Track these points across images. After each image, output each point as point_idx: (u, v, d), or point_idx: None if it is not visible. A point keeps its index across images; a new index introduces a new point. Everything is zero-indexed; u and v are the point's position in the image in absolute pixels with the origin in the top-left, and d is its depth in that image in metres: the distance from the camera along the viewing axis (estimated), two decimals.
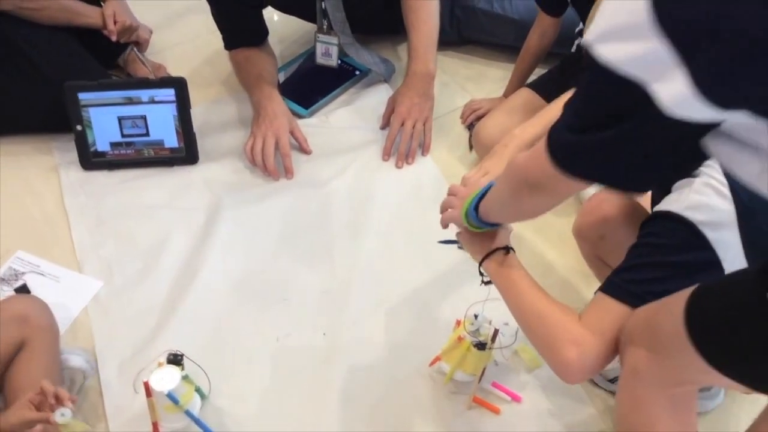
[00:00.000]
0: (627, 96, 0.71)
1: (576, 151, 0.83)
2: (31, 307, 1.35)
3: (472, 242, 1.27)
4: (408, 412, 1.42)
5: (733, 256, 1.05)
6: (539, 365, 1.48)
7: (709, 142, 0.78)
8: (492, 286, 1.25)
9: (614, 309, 1.08)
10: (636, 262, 1.11)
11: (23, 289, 1.59)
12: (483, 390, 1.43)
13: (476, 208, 1.17)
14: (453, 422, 1.40)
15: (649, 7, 0.66)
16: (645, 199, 1.29)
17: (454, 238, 1.35)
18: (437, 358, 1.45)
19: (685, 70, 0.65)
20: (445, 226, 1.33)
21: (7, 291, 1.59)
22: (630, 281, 1.09)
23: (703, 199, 1.09)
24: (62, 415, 1.16)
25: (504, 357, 1.47)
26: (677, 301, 0.92)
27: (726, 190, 1.09)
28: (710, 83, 0.65)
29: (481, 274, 1.27)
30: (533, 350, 1.47)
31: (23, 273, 1.63)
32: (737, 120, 0.70)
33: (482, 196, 1.16)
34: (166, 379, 1.30)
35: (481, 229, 1.22)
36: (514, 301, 1.20)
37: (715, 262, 1.05)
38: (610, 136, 0.77)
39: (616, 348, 1.08)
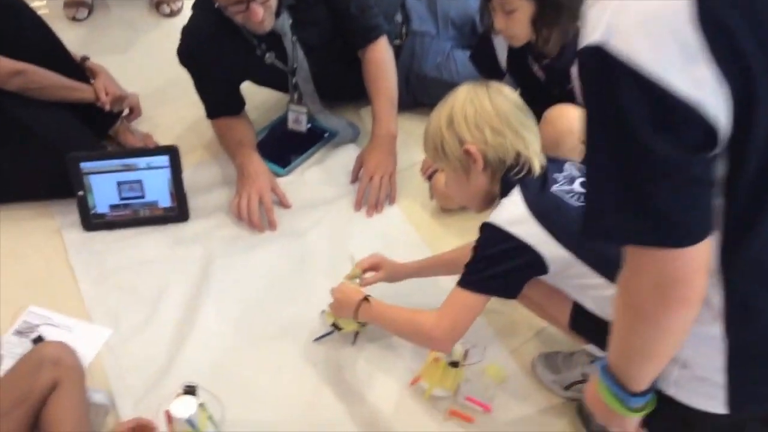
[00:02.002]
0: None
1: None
2: (62, 350, 1.53)
3: (341, 309, 1.69)
4: (395, 425, 1.63)
5: (542, 241, 1.34)
6: (504, 380, 1.71)
7: None
8: None
9: (461, 295, 1.44)
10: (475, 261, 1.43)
11: (39, 340, 1.75)
12: (458, 403, 1.65)
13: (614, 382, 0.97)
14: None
15: None
16: None
17: (325, 332, 1.76)
18: (417, 378, 1.67)
19: None
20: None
21: (25, 342, 1.76)
22: (473, 274, 1.43)
23: (508, 208, 1.38)
24: None
25: (473, 374, 1.70)
26: None
27: (520, 200, 1.36)
28: None
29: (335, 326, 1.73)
30: (500, 367, 1.72)
31: (38, 325, 1.80)
32: None
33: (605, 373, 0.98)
34: (185, 407, 1.48)
35: (642, 408, 0.98)
36: (390, 325, 1.62)
37: (526, 247, 1.34)
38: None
39: (466, 320, 1.43)
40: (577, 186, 1.39)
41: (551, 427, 1.64)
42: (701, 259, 0.79)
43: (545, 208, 1.35)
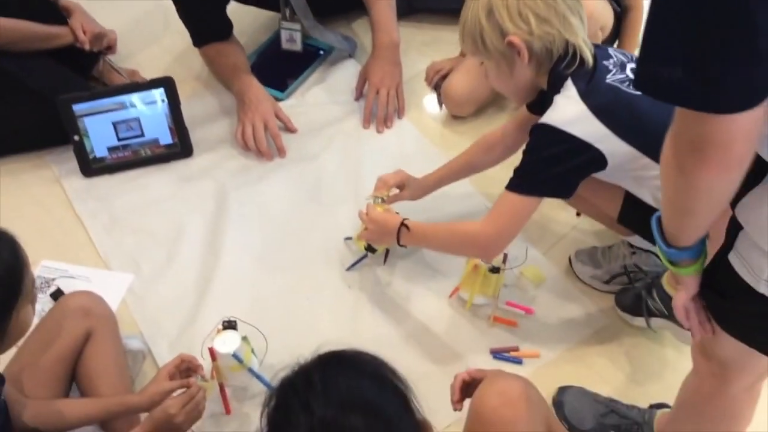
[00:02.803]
0: None
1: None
2: (91, 300, 1.46)
3: (379, 238, 1.59)
4: (438, 338, 1.60)
5: (603, 137, 1.27)
6: (543, 280, 1.68)
7: None
8: None
9: (509, 199, 1.36)
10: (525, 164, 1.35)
11: (58, 294, 1.68)
12: (500, 309, 1.63)
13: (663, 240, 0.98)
14: (480, 340, 1.60)
15: None
16: None
17: (357, 258, 1.70)
18: (456, 289, 1.63)
19: None
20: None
21: (42, 298, 1.68)
22: (523, 177, 1.35)
23: (563, 107, 1.29)
24: (201, 379, 1.36)
25: (510, 279, 1.67)
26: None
27: (576, 96, 1.28)
28: None
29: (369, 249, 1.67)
30: (537, 268, 1.69)
31: (53, 279, 1.72)
32: None
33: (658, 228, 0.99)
34: (229, 342, 1.44)
35: (686, 265, 0.99)
36: (434, 243, 1.55)
37: (586, 146, 1.27)
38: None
39: (514, 225, 1.38)
40: (629, 72, 1.30)
41: (594, 323, 1.62)
42: (745, 127, 0.76)
43: (603, 103, 1.26)
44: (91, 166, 1.92)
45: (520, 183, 1.34)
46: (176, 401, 1.30)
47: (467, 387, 1.24)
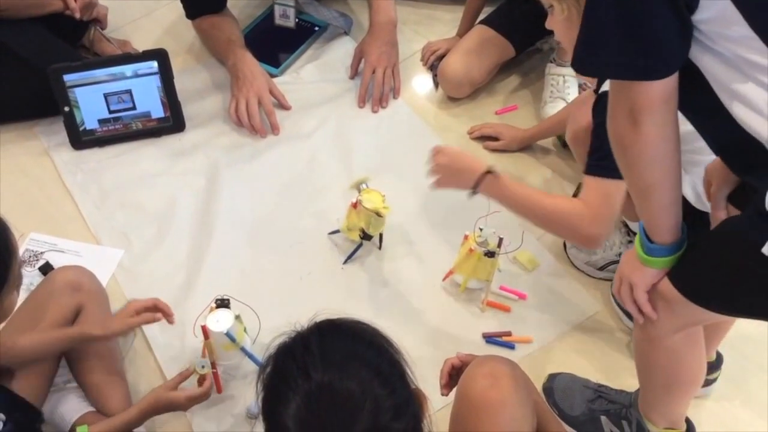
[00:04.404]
0: None
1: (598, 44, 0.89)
2: (81, 275, 1.44)
3: (452, 177, 1.48)
4: (431, 321, 1.60)
5: None
6: (537, 265, 1.68)
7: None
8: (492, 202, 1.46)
9: (594, 184, 1.35)
10: (599, 144, 1.32)
11: (47, 268, 1.65)
12: (493, 294, 1.63)
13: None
14: (472, 324, 1.60)
15: None
16: None
17: (353, 249, 1.68)
18: (450, 272, 1.63)
19: None
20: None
21: (31, 272, 1.66)
22: (601, 159, 1.32)
23: None
24: (203, 367, 1.36)
25: (504, 264, 1.67)
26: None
27: None
28: None
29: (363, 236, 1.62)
30: (530, 253, 1.68)
31: (42, 252, 1.70)
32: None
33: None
34: (222, 320, 1.43)
35: (664, 256, 1.06)
36: (524, 208, 1.42)
37: None
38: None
39: (608, 210, 1.34)
40: None
41: (587, 310, 1.63)
42: (666, 91, 0.91)
43: None
44: (81, 139, 1.89)
45: (598, 165, 1.31)
46: (188, 400, 1.31)
47: (458, 372, 1.24)
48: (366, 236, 1.64)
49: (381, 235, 1.70)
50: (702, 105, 0.95)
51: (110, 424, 1.28)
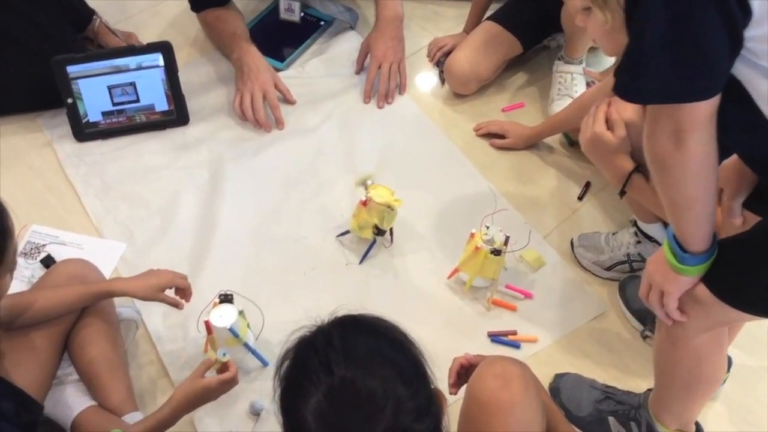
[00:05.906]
0: None
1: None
2: (84, 267, 1.43)
3: (608, 169, 1.44)
4: (436, 319, 1.59)
5: None
6: (543, 264, 1.67)
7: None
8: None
9: None
10: None
11: (49, 260, 1.64)
12: (498, 292, 1.61)
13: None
14: (478, 322, 1.58)
15: None
16: None
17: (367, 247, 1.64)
18: (456, 270, 1.62)
19: None
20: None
21: (33, 264, 1.65)
22: None
23: None
24: (224, 355, 1.33)
25: (510, 262, 1.65)
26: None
27: None
28: None
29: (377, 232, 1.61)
30: (537, 252, 1.67)
31: (44, 245, 1.68)
32: None
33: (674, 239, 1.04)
34: (226, 315, 1.41)
35: (699, 264, 1.04)
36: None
37: None
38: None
39: None
40: None
41: (594, 310, 1.62)
42: (711, 110, 0.89)
43: None
44: (84, 131, 1.87)
45: None
46: (220, 383, 1.29)
47: (465, 372, 1.23)
48: (380, 232, 1.62)
49: (391, 230, 1.68)
50: (739, 118, 0.93)
51: (144, 426, 1.24)
